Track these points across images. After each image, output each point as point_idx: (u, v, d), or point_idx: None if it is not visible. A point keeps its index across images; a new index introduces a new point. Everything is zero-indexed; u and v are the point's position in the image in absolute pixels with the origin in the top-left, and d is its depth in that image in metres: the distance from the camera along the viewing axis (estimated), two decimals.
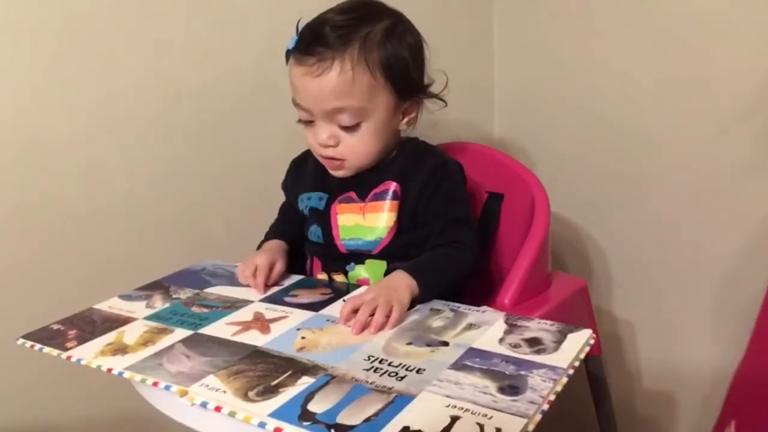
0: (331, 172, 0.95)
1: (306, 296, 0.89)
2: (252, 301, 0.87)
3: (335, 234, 0.96)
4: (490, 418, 0.58)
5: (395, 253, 0.93)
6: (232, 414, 0.61)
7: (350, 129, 0.89)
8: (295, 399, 0.62)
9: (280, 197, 1.09)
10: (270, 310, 0.84)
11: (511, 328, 0.75)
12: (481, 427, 0.56)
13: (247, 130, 1.21)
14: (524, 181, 1.07)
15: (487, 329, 0.76)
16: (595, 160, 1.28)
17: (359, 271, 0.95)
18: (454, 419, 0.58)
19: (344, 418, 0.58)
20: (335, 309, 0.84)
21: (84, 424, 1.14)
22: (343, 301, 0.86)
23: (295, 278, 0.97)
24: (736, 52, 1.04)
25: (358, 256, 0.95)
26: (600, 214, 1.30)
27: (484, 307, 0.82)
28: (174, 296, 0.91)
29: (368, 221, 0.94)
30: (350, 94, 0.86)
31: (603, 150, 1.26)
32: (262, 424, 0.59)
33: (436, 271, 0.86)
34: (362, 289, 0.87)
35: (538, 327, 0.75)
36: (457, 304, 0.83)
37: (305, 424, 0.58)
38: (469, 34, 0.95)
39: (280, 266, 0.94)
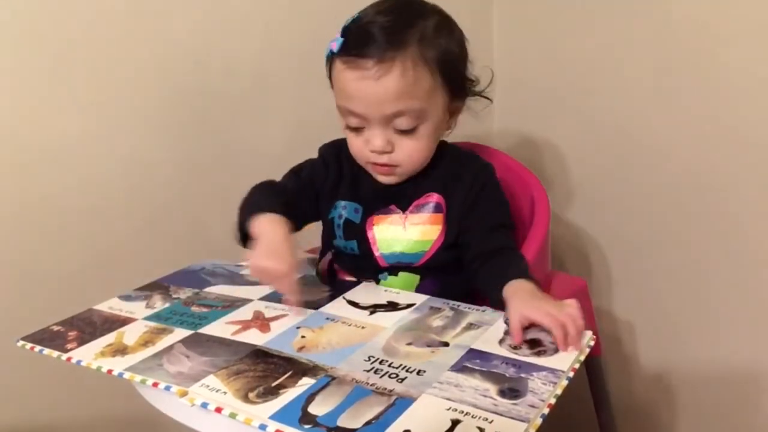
0: (380, 178, 0.91)
1: (306, 294, 0.88)
2: (251, 300, 0.87)
3: (374, 248, 0.92)
4: (491, 422, 0.58)
5: (439, 266, 0.90)
6: (232, 416, 0.61)
7: (408, 133, 0.85)
8: (296, 401, 0.62)
9: None
10: (270, 309, 0.84)
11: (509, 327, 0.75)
12: (482, 430, 0.56)
13: (247, 130, 1.21)
14: (524, 181, 1.07)
15: (487, 329, 0.76)
16: (596, 160, 1.28)
17: (391, 282, 0.92)
18: (455, 423, 0.58)
19: (345, 421, 0.58)
20: (335, 307, 0.84)
21: (85, 425, 1.13)
22: (344, 298, 0.86)
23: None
24: (737, 51, 1.03)
25: (395, 268, 0.92)
26: (600, 214, 1.30)
27: (484, 307, 0.82)
28: (174, 296, 0.90)
29: (409, 233, 0.91)
30: (412, 96, 0.83)
31: (603, 150, 1.26)
32: (263, 427, 0.59)
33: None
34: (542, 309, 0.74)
35: (538, 328, 0.74)
36: (457, 303, 0.83)
37: (306, 427, 0.58)
38: (469, 33, 0.95)
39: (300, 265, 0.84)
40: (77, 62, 1.04)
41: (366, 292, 0.89)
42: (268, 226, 0.82)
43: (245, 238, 0.85)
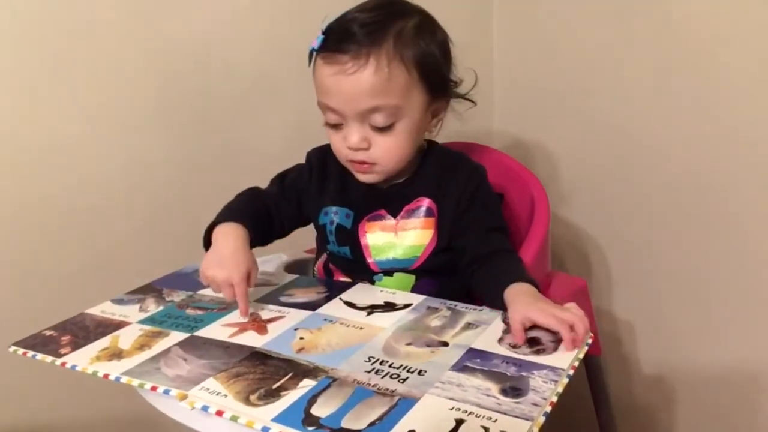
0: (359, 176, 0.90)
1: (302, 295, 0.88)
2: None
3: (366, 254, 0.92)
4: (495, 421, 0.58)
5: (432, 269, 0.90)
6: (234, 418, 0.60)
7: (384, 130, 0.85)
8: (298, 403, 0.62)
9: None
10: (266, 311, 0.84)
11: (510, 327, 0.75)
12: (486, 430, 0.56)
13: (247, 130, 1.20)
14: (524, 181, 1.07)
15: (486, 328, 0.76)
16: (595, 160, 1.28)
17: (386, 282, 0.92)
18: (459, 422, 0.58)
19: (349, 422, 0.58)
20: (332, 308, 0.84)
21: (85, 425, 1.13)
22: (340, 299, 0.85)
23: (290, 277, 0.96)
24: (737, 51, 1.03)
25: (390, 270, 0.92)
26: (600, 214, 1.30)
27: (482, 306, 0.82)
28: (167, 299, 0.89)
29: (401, 239, 0.91)
30: (386, 92, 0.82)
31: (603, 150, 1.26)
32: (265, 429, 0.58)
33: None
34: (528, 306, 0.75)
35: (538, 327, 0.74)
36: (454, 303, 0.83)
37: (309, 429, 0.57)
38: (469, 33, 0.95)
39: (254, 275, 0.84)
40: (77, 62, 1.04)
41: (362, 293, 0.88)
42: (222, 236, 0.85)
43: (209, 244, 0.87)
